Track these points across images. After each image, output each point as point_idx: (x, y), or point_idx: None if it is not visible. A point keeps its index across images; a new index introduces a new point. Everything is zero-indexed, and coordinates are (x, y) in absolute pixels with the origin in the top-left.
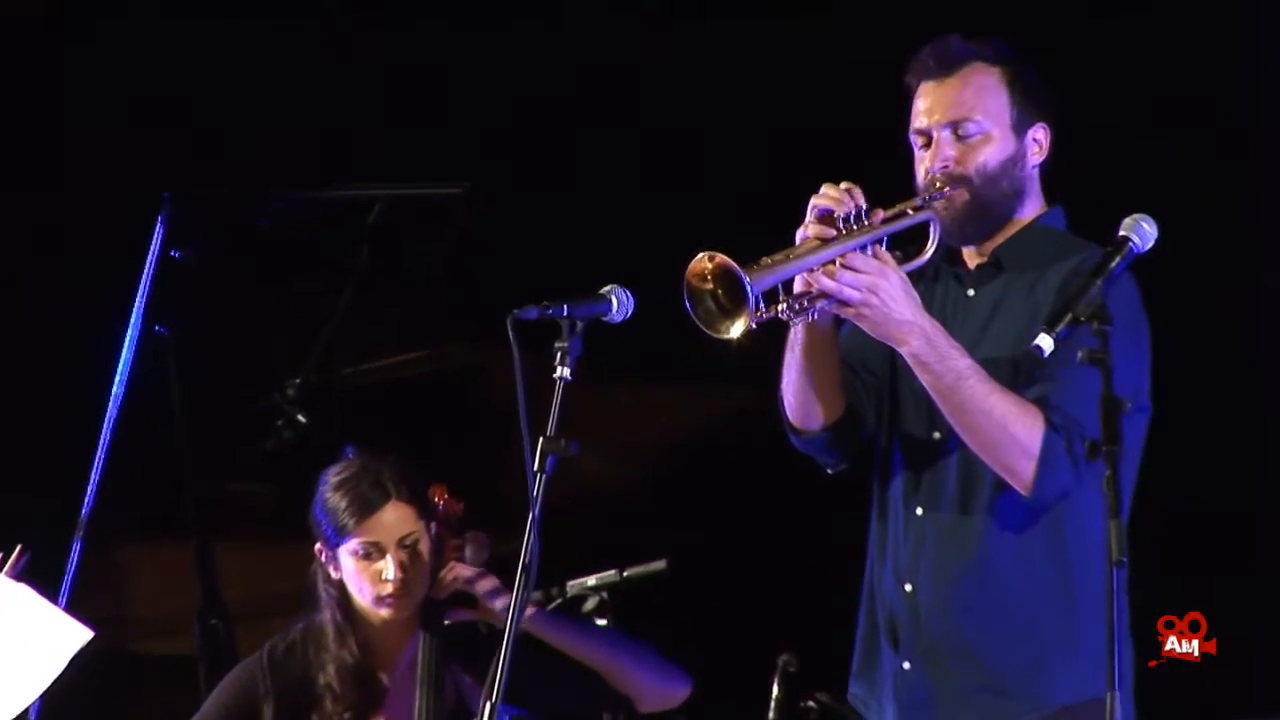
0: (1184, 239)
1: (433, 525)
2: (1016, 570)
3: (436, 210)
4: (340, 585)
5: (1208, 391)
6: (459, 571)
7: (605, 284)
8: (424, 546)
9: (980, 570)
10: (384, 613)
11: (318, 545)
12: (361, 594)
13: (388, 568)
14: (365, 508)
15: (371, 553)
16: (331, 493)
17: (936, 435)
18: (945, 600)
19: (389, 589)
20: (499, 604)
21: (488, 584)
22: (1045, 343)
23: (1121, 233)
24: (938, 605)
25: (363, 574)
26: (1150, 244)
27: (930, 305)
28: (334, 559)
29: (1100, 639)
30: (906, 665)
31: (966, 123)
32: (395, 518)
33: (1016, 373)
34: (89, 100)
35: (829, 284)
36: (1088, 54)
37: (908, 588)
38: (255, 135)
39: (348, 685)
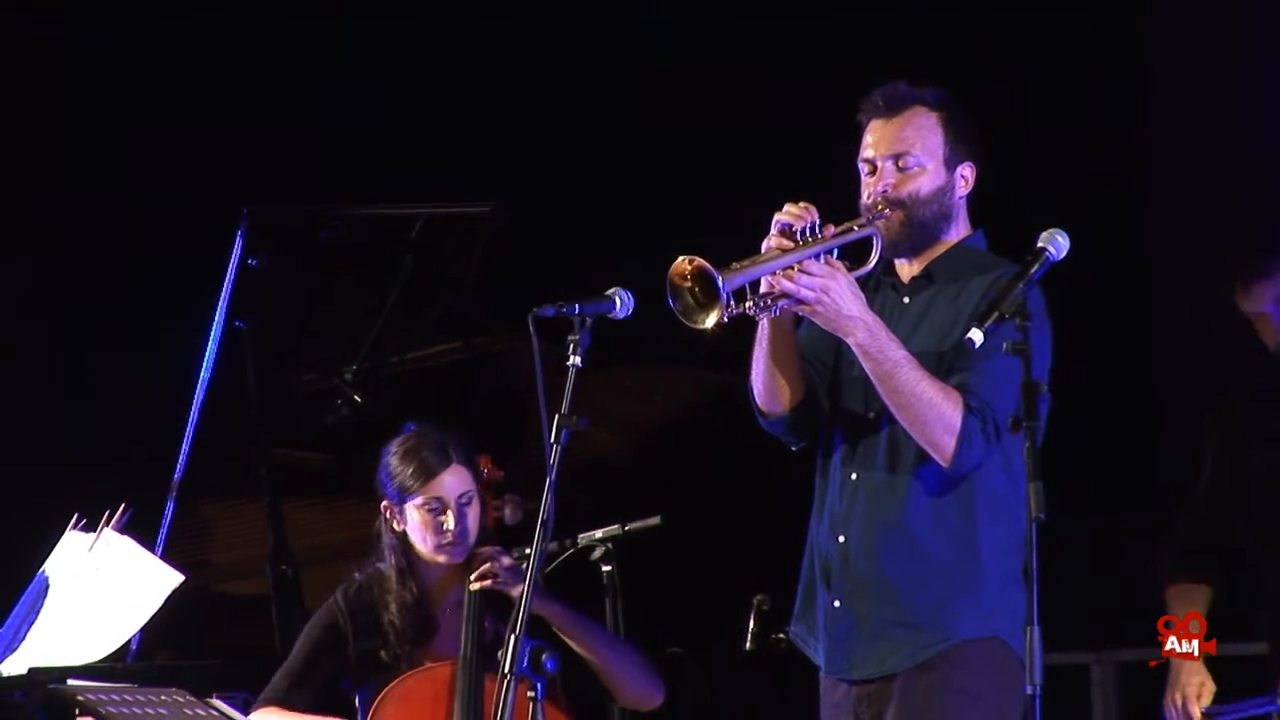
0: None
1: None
2: (931, 525)
3: (468, 225)
4: (403, 536)
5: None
6: (494, 568)
7: (610, 286)
8: (476, 504)
9: (901, 524)
10: (442, 559)
11: (384, 503)
12: (424, 543)
13: (449, 520)
14: (430, 470)
15: (435, 507)
16: (398, 460)
17: (871, 414)
18: (871, 549)
19: (449, 538)
20: (517, 591)
21: (514, 588)
22: (976, 336)
23: (1040, 244)
24: (865, 553)
25: (426, 526)
26: (1064, 254)
27: (872, 309)
28: (399, 514)
29: (998, 584)
30: (837, 604)
31: (907, 156)
32: (455, 479)
33: (940, 363)
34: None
35: (788, 285)
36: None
37: (841, 539)
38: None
39: (407, 620)
